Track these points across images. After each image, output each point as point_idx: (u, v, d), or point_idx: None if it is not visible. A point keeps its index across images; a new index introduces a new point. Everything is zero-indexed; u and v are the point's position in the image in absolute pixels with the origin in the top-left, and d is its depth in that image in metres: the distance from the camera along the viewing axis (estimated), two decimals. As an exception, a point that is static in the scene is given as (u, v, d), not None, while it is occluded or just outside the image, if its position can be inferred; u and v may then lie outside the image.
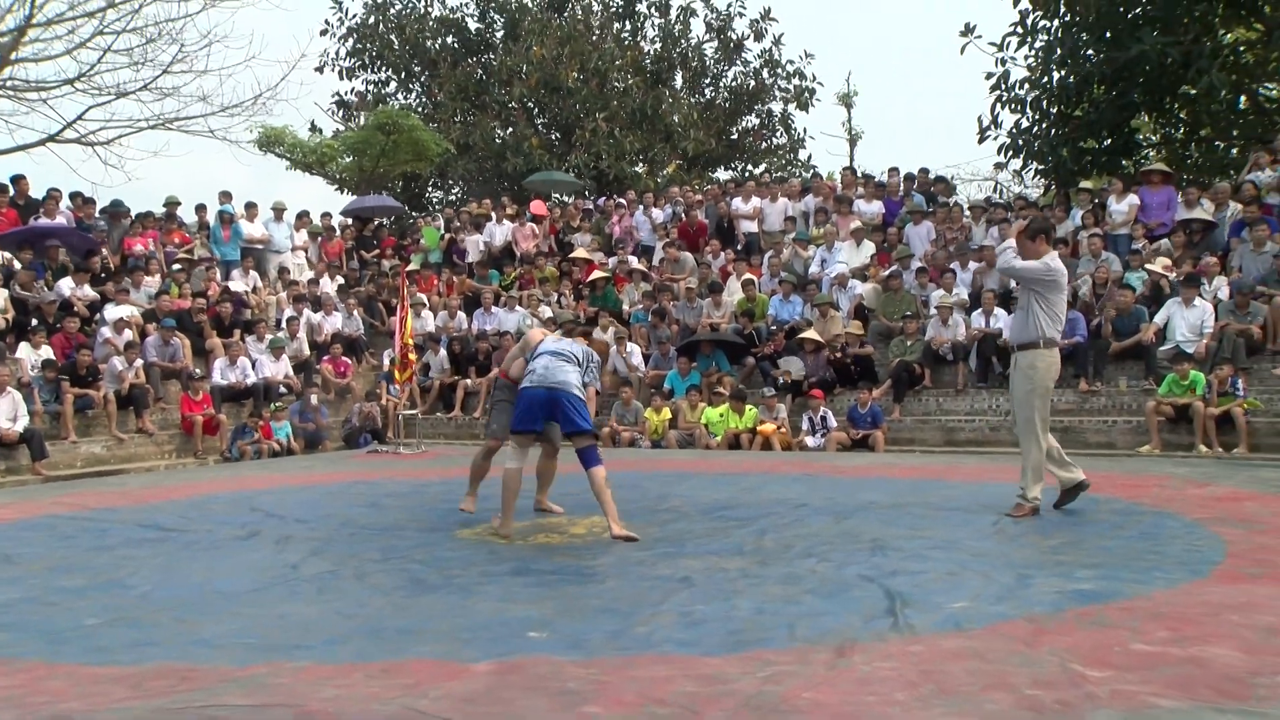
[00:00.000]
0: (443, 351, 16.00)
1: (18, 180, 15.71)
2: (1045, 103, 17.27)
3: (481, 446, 7.60)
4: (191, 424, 13.35)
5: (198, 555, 6.17)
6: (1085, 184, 16.15)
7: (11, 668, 3.87)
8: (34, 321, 13.41)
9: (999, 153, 17.80)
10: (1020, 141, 17.61)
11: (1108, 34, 16.10)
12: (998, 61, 17.46)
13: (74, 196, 16.11)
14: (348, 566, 5.64)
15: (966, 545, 5.76)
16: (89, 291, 14.54)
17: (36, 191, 15.87)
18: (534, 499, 7.39)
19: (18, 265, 14.17)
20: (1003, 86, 17.52)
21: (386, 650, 3.94)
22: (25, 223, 15.13)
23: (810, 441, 12.46)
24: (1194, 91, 16.41)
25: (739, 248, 17.08)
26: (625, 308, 16.14)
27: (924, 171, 17.91)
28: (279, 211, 18.44)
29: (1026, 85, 17.41)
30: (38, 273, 14.21)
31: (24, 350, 12.65)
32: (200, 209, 18.26)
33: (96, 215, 16.21)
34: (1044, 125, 17.37)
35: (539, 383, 6.38)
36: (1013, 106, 17.56)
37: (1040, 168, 18.08)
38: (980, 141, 17.51)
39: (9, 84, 14.60)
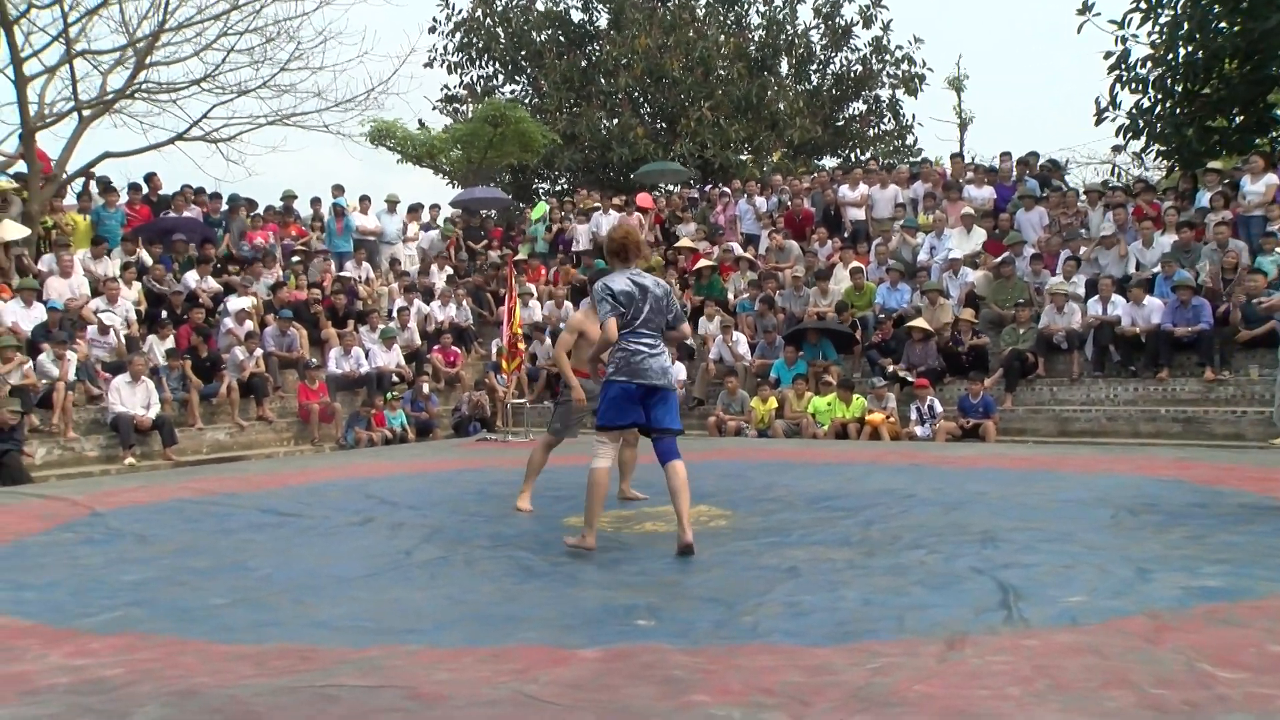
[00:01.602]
0: (549, 340, 16.15)
1: (150, 178, 16.46)
2: (1170, 81, 16.60)
3: (541, 441, 7.43)
4: (308, 412, 13.73)
5: (314, 540, 6.33)
6: (1214, 164, 15.50)
7: (148, 642, 4.04)
8: (163, 313, 13.97)
9: (1117, 134, 17.17)
10: (1141, 122, 16.97)
11: (1242, 4, 15.39)
12: (1117, 40, 16.84)
13: (199, 192, 16.73)
14: (457, 553, 5.73)
15: (1081, 538, 5.60)
16: (212, 283, 15.07)
17: (167, 188, 16.64)
18: (618, 488, 7.36)
19: (149, 260, 14.79)
20: (1123, 65, 16.91)
21: (495, 635, 3.99)
22: (157, 218, 15.78)
23: (919, 431, 12.28)
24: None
25: (846, 235, 16.88)
26: (731, 297, 16.09)
27: (1035, 156, 17.47)
28: (392, 204, 18.85)
29: (1149, 63, 16.76)
30: (165, 266, 14.81)
31: (152, 341, 13.16)
32: (315, 202, 18.79)
33: (222, 210, 16.80)
34: (1167, 104, 16.70)
35: (635, 379, 5.55)
36: (1133, 86, 16.93)
37: (1162, 149, 17.41)
38: (1097, 123, 16.86)
39: (144, 87, 15.23)
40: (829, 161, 29.12)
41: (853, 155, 29.32)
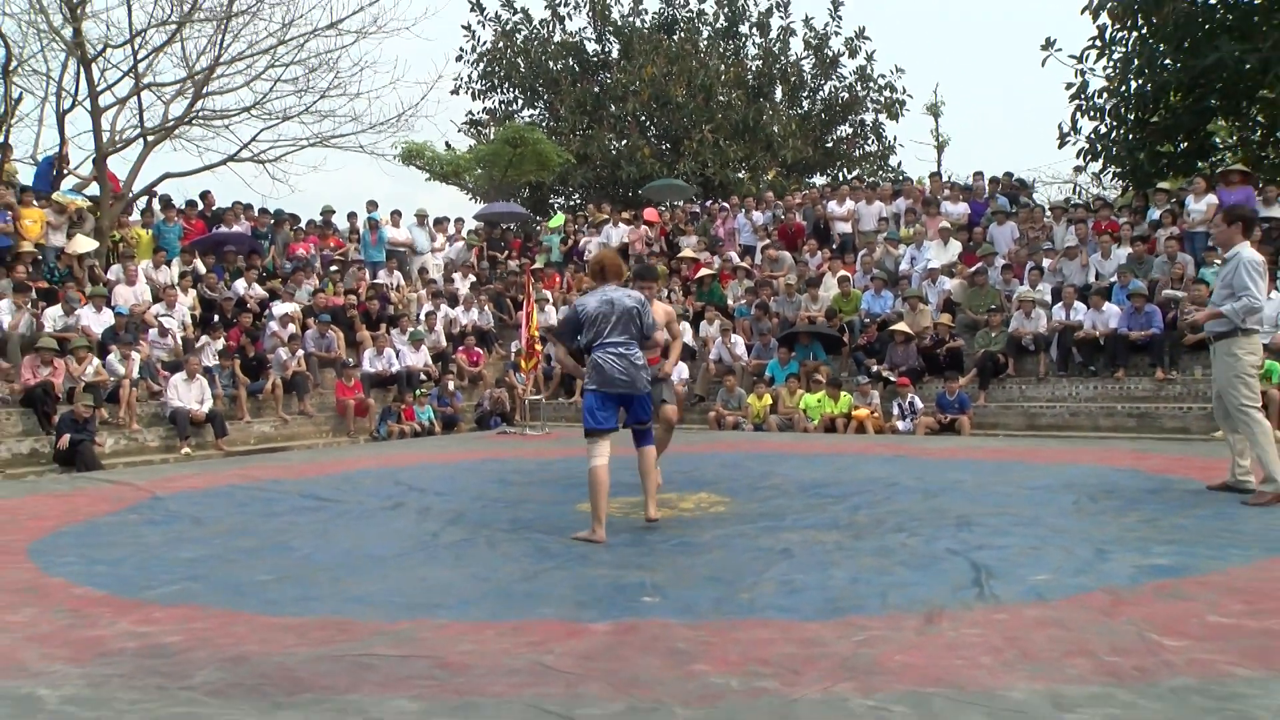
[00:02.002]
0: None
1: (205, 196, 16.58)
2: (1123, 110, 16.63)
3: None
4: (345, 407, 13.74)
5: (350, 523, 6.36)
6: (1163, 185, 15.51)
7: (204, 613, 4.08)
8: (215, 318, 14.03)
9: (1078, 157, 17.17)
10: (1099, 146, 16.99)
11: (1185, 43, 15.42)
12: (1077, 73, 16.87)
13: (247, 208, 16.77)
14: (480, 535, 5.75)
15: (1048, 522, 5.60)
16: (259, 290, 15.11)
17: (220, 204, 16.72)
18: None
19: (203, 269, 14.85)
20: (1082, 96, 16.93)
21: (515, 611, 4.01)
22: (210, 231, 15.85)
23: (900, 425, 12.26)
24: (1271, 95, 15.63)
25: (834, 247, 16.85)
26: (730, 302, 16.07)
27: (1007, 175, 17.47)
28: (421, 218, 18.88)
29: (1105, 94, 16.78)
30: (217, 275, 14.88)
31: (205, 342, 13.18)
32: (351, 216, 18.78)
33: (268, 224, 16.83)
34: (1121, 131, 16.73)
35: (618, 387, 5.63)
36: (1091, 114, 16.96)
37: (1118, 170, 17.42)
38: (1060, 146, 16.85)
39: (201, 114, 15.38)
40: (819, 179, 29.04)
41: (840, 174, 29.23)
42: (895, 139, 30.06)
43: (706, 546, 5.26)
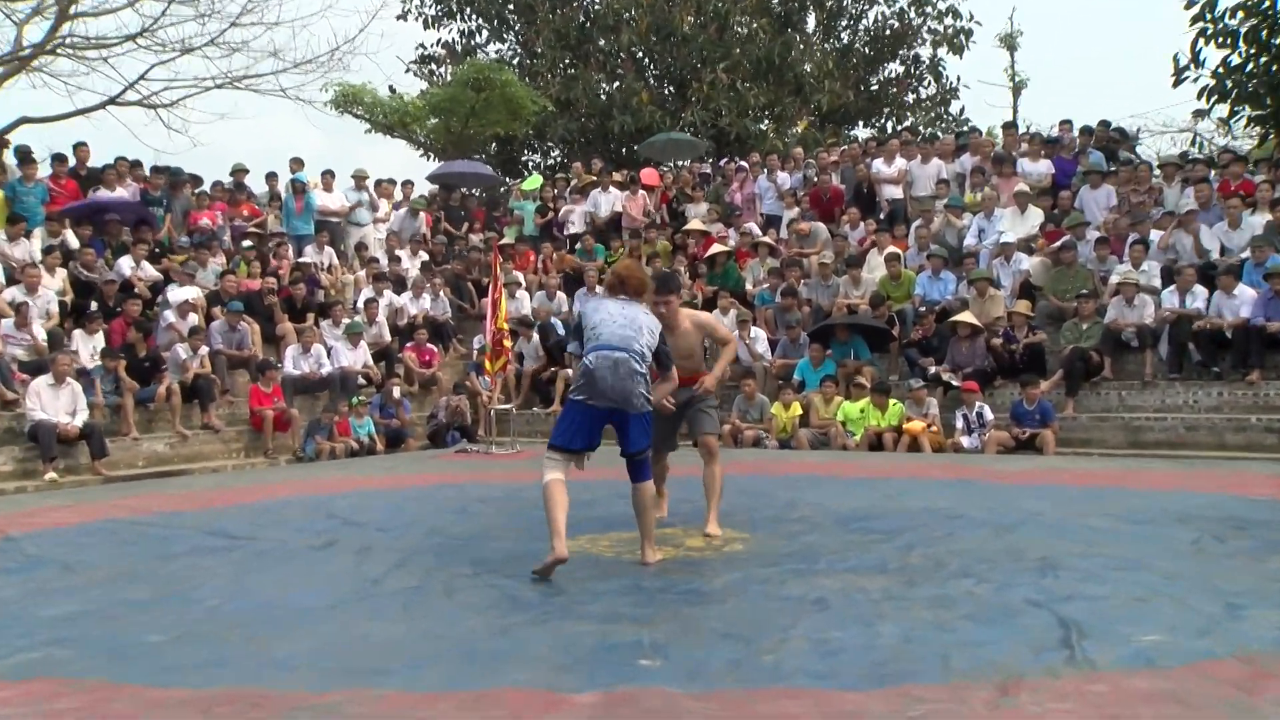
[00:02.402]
0: (536, 338, 16.14)
1: (78, 149, 16.35)
2: (1265, 33, 16.51)
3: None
4: (261, 419, 13.72)
5: (269, 566, 6.33)
6: None
7: (75, 688, 4.02)
8: (92, 305, 13.92)
9: (1200, 96, 17.04)
10: (1228, 82, 16.85)
11: None
12: (1200, -15, 16.80)
13: (135, 166, 16.68)
14: (435, 581, 5.73)
15: (1157, 566, 5.59)
16: (151, 271, 15.07)
17: (97, 160, 16.53)
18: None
19: (76, 243, 14.70)
20: (1208, 16, 16.80)
21: (479, 677, 3.98)
22: (85, 195, 15.74)
23: (966, 442, 12.26)
24: None
25: (881, 217, 16.88)
26: (749, 287, 16.08)
27: (1103, 124, 17.46)
28: (359, 180, 18.84)
29: (1240, 13, 16.67)
30: (96, 250, 14.74)
31: (79, 337, 13.13)
32: (271, 178, 18.79)
33: (162, 186, 16.77)
34: (1261, 60, 16.59)
35: (600, 399, 5.79)
36: (1220, 39, 16.81)
37: (1255, 113, 17.30)
38: (1176, 84, 16.61)
39: (68, 41, 15.12)
40: (861, 132, 29.12)
41: (889, 124, 29.30)
42: (958, 79, 30.07)
43: (719, 595, 5.25)
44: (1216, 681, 3.72)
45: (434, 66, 29.99)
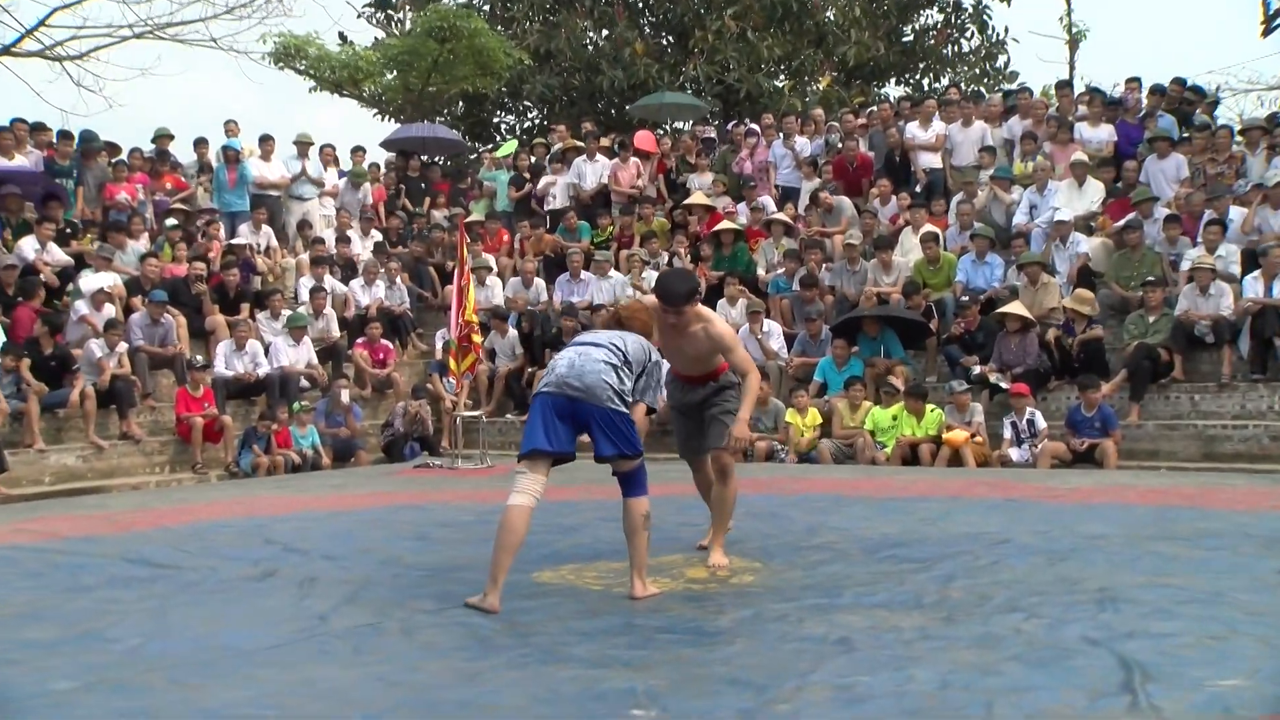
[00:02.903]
0: (512, 332, 16.14)
1: (-35, 109, 16.32)
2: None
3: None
4: (189, 427, 13.73)
5: (199, 600, 6.33)
6: None
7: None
8: (-12, 294, 13.92)
9: (1293, 49, 17.11)
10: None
11: None
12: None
13: (37, 129, 16.63)
14: (391, 618, 5.73)
15: (1236, 599, 5.61)
16: (59, 254, 15.04)
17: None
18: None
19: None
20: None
21: (444, 729, 3.99)
22: (-25, 164, 15.73)
23: (1015, 455, 12.29)
24: None
25: (916, 190, 16.91)
26: (761, 272, 16.10)
27: (1177, 82, 17.46)
28: (303, 147, 18.84)
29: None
30: (-6, 230, 14.76)
31: (-28, 333, 13.12)
32: (199, 145, 18.76)
33: (72, 154, 16.75)
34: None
35: (558, 388, 5.93)
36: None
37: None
38: (1264, 34, 16.72)
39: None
40: (893, 90, 29.14)
41: (925, 82, 29.31)
42: (1006, 31, 30.07)
43: (727, 634, 5.27)
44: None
45: (391, 13, 29.96)
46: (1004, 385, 12.87)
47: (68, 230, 15.73)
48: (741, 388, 6.75)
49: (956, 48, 29.74)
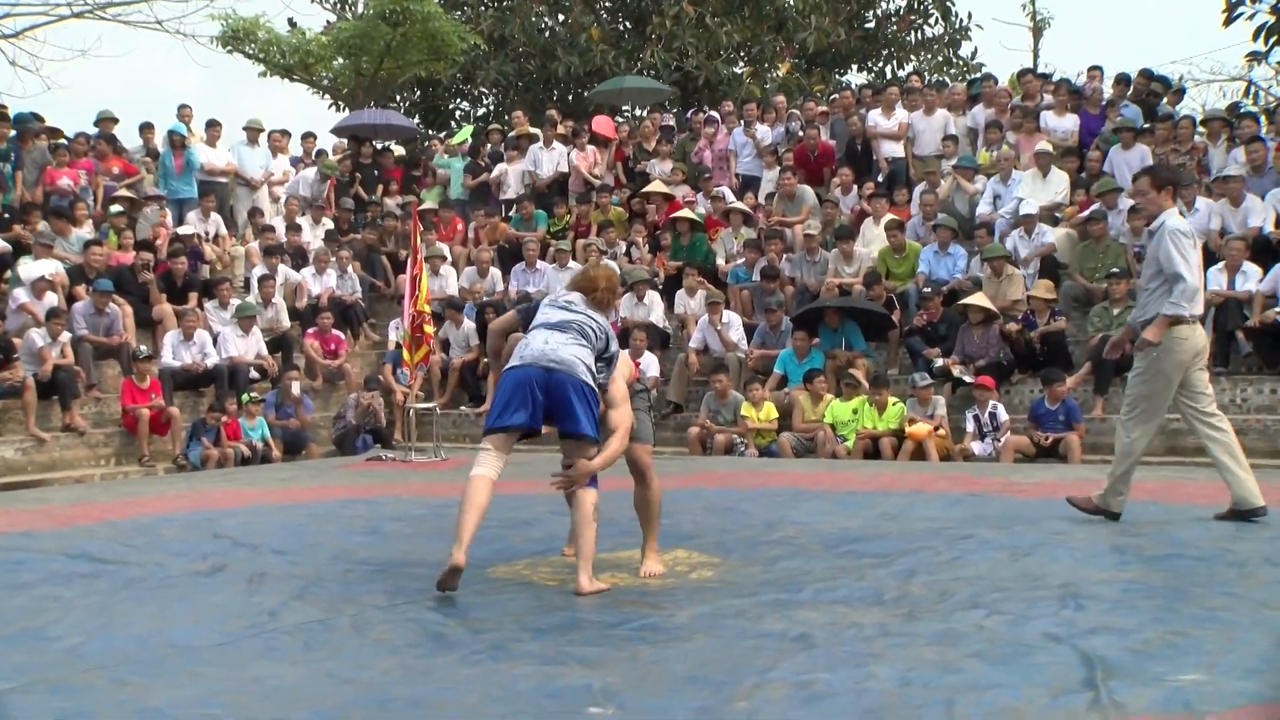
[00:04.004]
0: (467, 323, 16.09)
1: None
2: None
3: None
4: (135, 419, 13.63)
5: (144, 597, 6.29)
6: None
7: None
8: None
9: (1255, 37, 17.19)
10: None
11: None
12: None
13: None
14: (342, 614, 5.72)
15: (1198, 595, 5.66)
16: (-2, 241, 14.92)
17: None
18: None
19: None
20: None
21: (395, 728, 3.98)
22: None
23: (978, 448, 12.36)
24: None
25: (878, 179, 16.97)
26: (720, 262, 16.12)
27: (1143, 72, 17.57)
28: (252, 133, 18.74)
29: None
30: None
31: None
32: (145, 129, 18.61)
33: (10, 137, 16.57)
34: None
35: (535, 361, 6.02)
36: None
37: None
38: (1227, 23, 16.77)
39: None
40: (855, 77, 29.22)
41: (888, 69, 29.41)
42: (969, 18, 30.20)
43: (684, 631, 5.27)
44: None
45: (342, -4, 29.81)
46: (966, 379, 12.94)
47: (6, 215, 15.57)
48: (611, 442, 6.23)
49: (919, 34, 29.84)
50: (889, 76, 27.85)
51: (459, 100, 30.59)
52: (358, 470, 12.71)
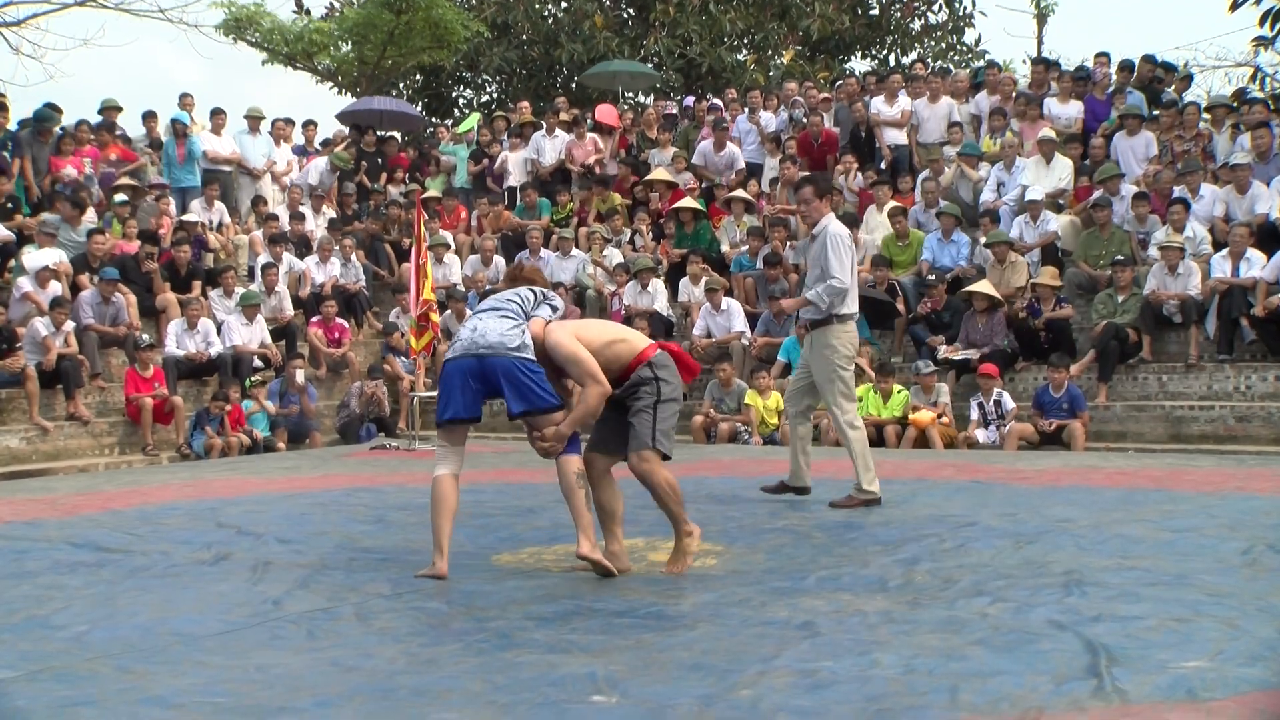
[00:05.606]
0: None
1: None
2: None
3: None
4: (139, 409, 13.65)
5: (148, 585, 6.29)
6: None
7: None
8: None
9: (1262, 23, 17.09)
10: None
11: None
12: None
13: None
14: (346, 603, 5.72)
15: (1202, 581, 5.65)
16: (1, 230, 14.90)
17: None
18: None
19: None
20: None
21: (398, 716, 3.99)
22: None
23: (982, 436, 12.35)
24: None
25: (882, 166, 16.95)
26: (724, 249, 16.10)
27: (1146, 59, 17.54)
28: (254, 121, 18.71)
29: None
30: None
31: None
32: (149, 117, 18.58)
33: (12, 126, 16.55)
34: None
35: (466, 351, 6.07)
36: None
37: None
38: (1233, 8, 16.69)
39: None
40: (859, 64, 29.18)
41: (891, 56, 29.36)
42: (974, 4, 30.18)
43: (688, 619, 5.28)
44: (1267, 716, 3.78)
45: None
46: (971, 365, 12.87)
47: (9, 204, 15.55)
48: (583, 397, 6.07)
49: (923, 22, 29.82)
50: (893, 64, 27.79)
51: (462, 88, 30.56)
52: (362, 459, 12.71)
